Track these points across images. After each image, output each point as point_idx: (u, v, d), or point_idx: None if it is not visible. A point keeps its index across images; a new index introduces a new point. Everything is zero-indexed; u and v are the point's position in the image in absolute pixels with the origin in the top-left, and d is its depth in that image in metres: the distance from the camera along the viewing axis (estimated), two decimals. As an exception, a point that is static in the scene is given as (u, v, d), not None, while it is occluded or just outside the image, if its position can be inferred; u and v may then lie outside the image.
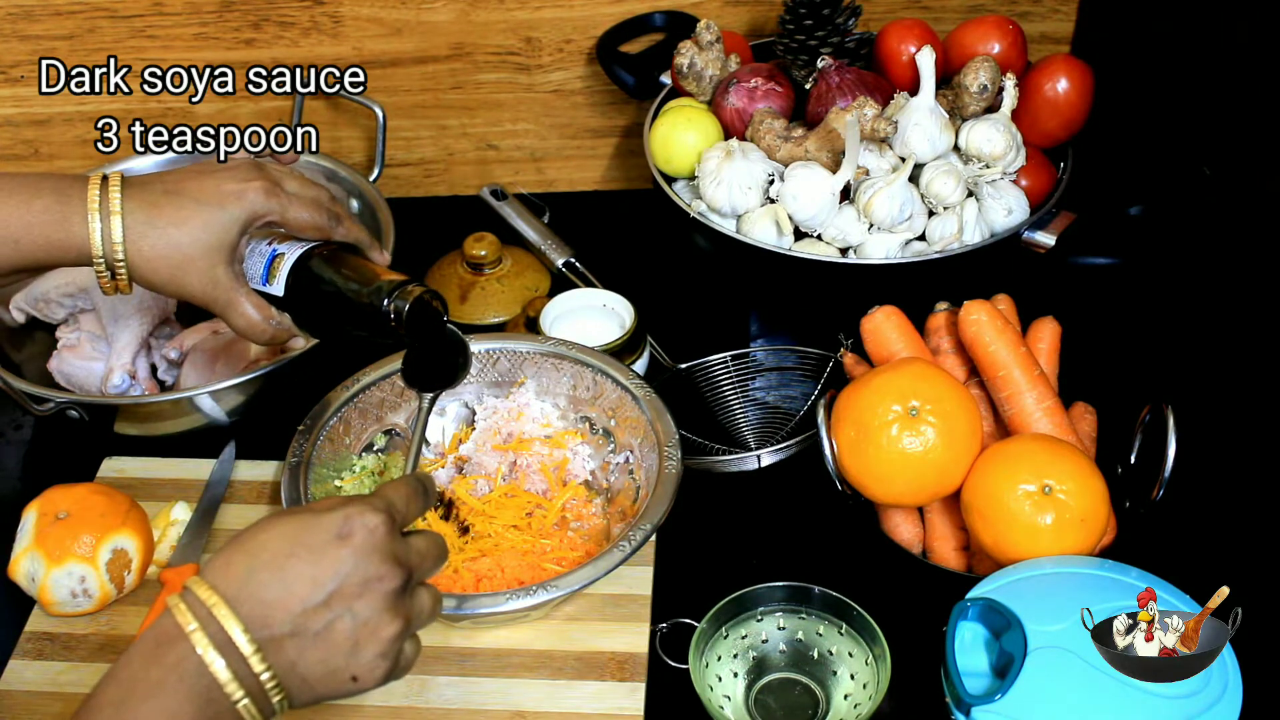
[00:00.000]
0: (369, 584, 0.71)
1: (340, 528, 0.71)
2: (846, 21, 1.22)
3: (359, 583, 0.70)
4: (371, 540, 0.72)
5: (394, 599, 0.72)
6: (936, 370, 1.00)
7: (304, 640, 0.69)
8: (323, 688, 0.71)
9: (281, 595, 0.69)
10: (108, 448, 1.17)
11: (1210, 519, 1.05)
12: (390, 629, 0.71)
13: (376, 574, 0.71)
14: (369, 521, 0.72)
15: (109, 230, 0.92)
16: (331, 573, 0.70)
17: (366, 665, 0.71)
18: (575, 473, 1.10)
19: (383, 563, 0.71)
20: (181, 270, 0.94)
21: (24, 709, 0.97)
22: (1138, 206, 1.22)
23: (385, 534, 0.72)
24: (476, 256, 1.32)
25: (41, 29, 1.37)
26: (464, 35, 1.39)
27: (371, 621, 0.71)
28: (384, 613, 0.71)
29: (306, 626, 0.69)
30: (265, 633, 0.69)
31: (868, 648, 0.94)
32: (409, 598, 0.73)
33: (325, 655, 0.70)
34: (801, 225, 1.17)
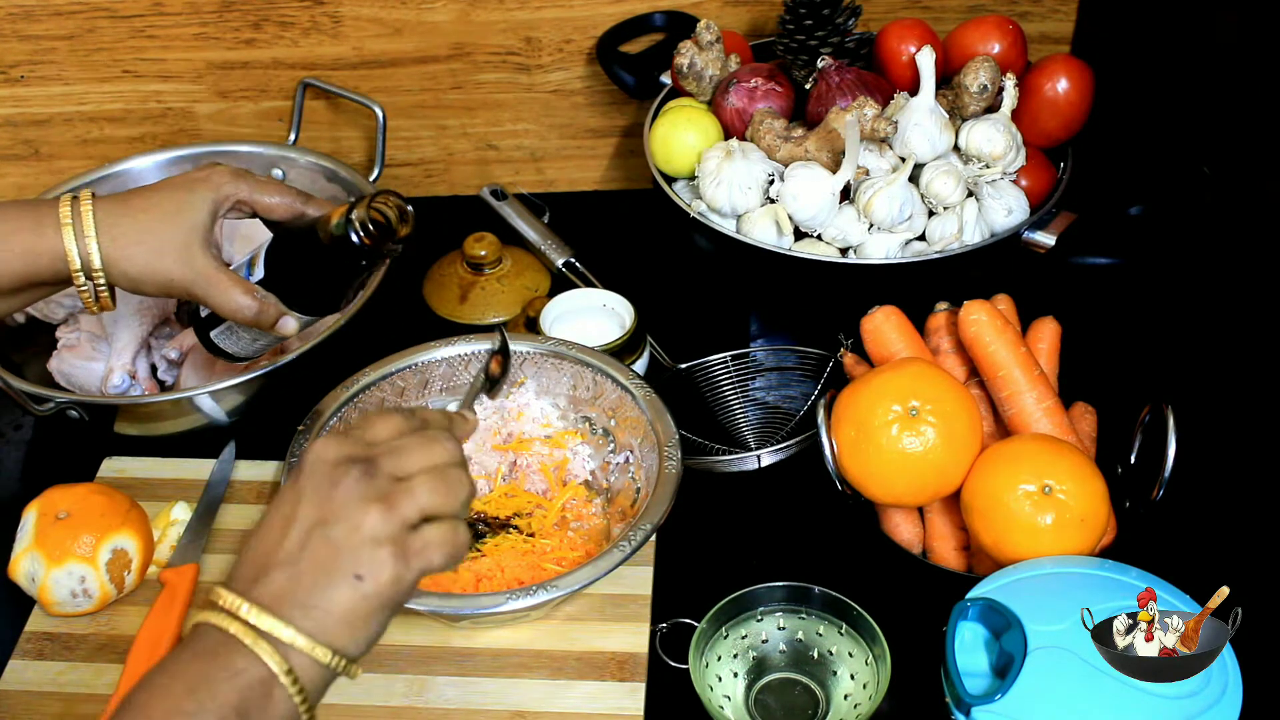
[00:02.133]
0: (323, 493, 0.69)
1: (291, 472, 0.73)
2: (846, 21, 1.22)
3: (314, 497, 0.69)
4: (316, 458, 0.71)
5: (356, 488, 0.69)
6: (936, 370, 1.00)
7: (289, 570, 0.68)
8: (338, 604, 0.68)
9: (259, 550, 0.69)
10: (108, 448, 1.17)
11: (1210, 519, 1.05)
12: (365, 515, 0.68)
13: (328, 479, 0.70)
14: (313, 448, 0.72)
15: (81, 224, 0.92)
16: (291, 504, 0.70)
17: (363, 560, 0.68)
18: (575, 473, 1.10)
19: (333, 468, 0.70)
20: (157, 256, 0.93)
21: (24, 709, 0.97)
22: (1138, 206, 1.22)
23: (331, 446, 0.71)
24: (476, 256, 1.32)
25: (41, 29, 1.38)
26: (464, 35, 1.39)
27: (341, 519, 0.68)
28: (350, 504, 0.69)
29: (285, 557, 0.68)
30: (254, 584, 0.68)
31: (868, 648, 0.94)
32: (384, 483, 0.70)
33: (315, 571, 0.68)
34: (801, 225, 1.17)
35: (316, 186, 1.37)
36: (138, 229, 0.93)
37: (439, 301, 1.33)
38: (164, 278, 0.94)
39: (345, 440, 0.72)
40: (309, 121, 1.44)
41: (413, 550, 0.69)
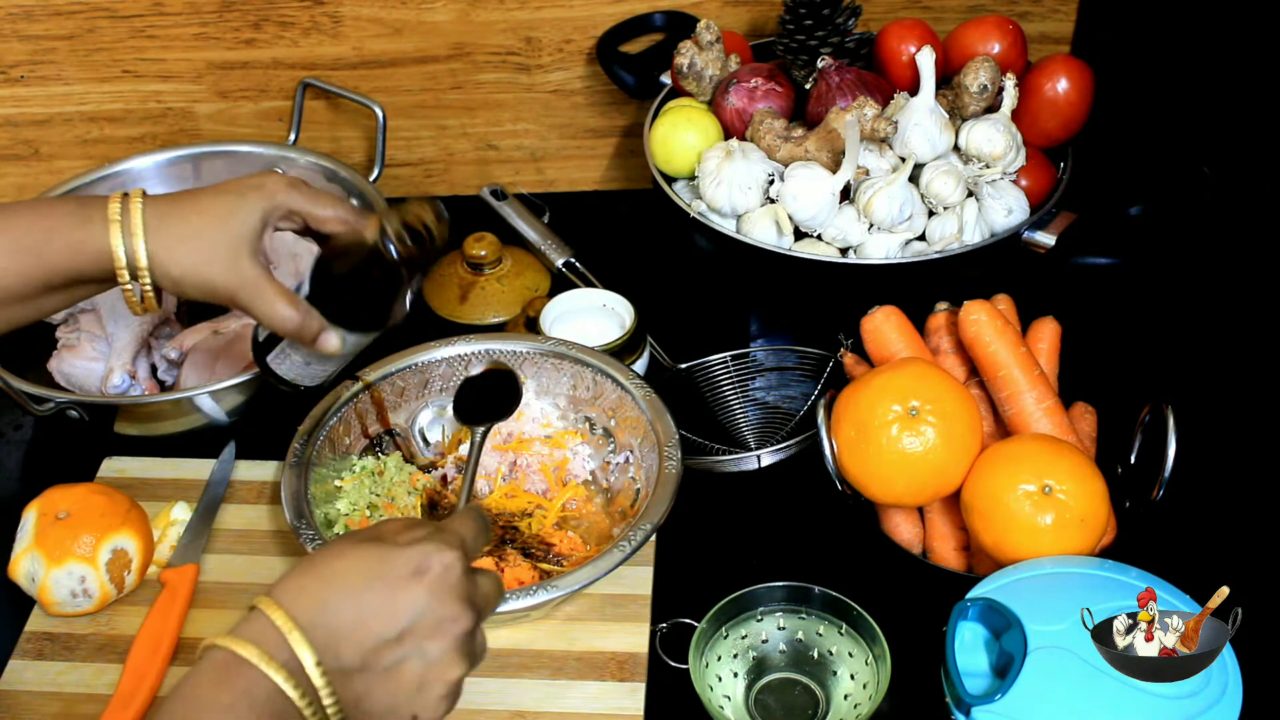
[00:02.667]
0: (442, 624, 0.69)
1: (419, 563, 0.70)
2: (846, 21, 1.22)
3: (433, 622, 0.69)
4: (447, 579, 0.70)
5: (464, 641, 0.71)
6: (936, 370, 1.00)
7: (372, 675, 0.68)
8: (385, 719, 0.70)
9: (355, 627, 0.68)
10: (108, 448, 1.17)
11: (1210, 519, 1.05)
12: (457, 671, 0.70)
13: (450, 614, 0.70)
14: (446, 559, 0.71)
15: (129, 222, 0.90)
16: (407, 609, 0.69)
17: (430, 705, 0.70)
18: (575, 473, 1.10)
19: (456, 602, 0.70)
20: (204, 259, 0.91)
21: (24, 709, 0.97)
22: (1138, 206, 1.22)
23: (460, 573, 0.71)
24: (476, 256, 1.32)
25: (41, 29, 1.38)
26: (464, 35, 1.39)
27: (441, 662, 0.69)
28: (453, 654, 0.70)
29: (377, 662, 0.68)
30: (336, 663, 0.67)
31: (868, 648, 0.94)
32: (477, 640, 0.72)
33: (391, 692, 0.69)
34: (801, 225, 1.17)
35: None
36: (186, 230, 0.91)
37: (439, 301, 1.33)
38: (209, 282, 0.92)
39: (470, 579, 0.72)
40: (309, 121, 1.44)
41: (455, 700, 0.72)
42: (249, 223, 0.92)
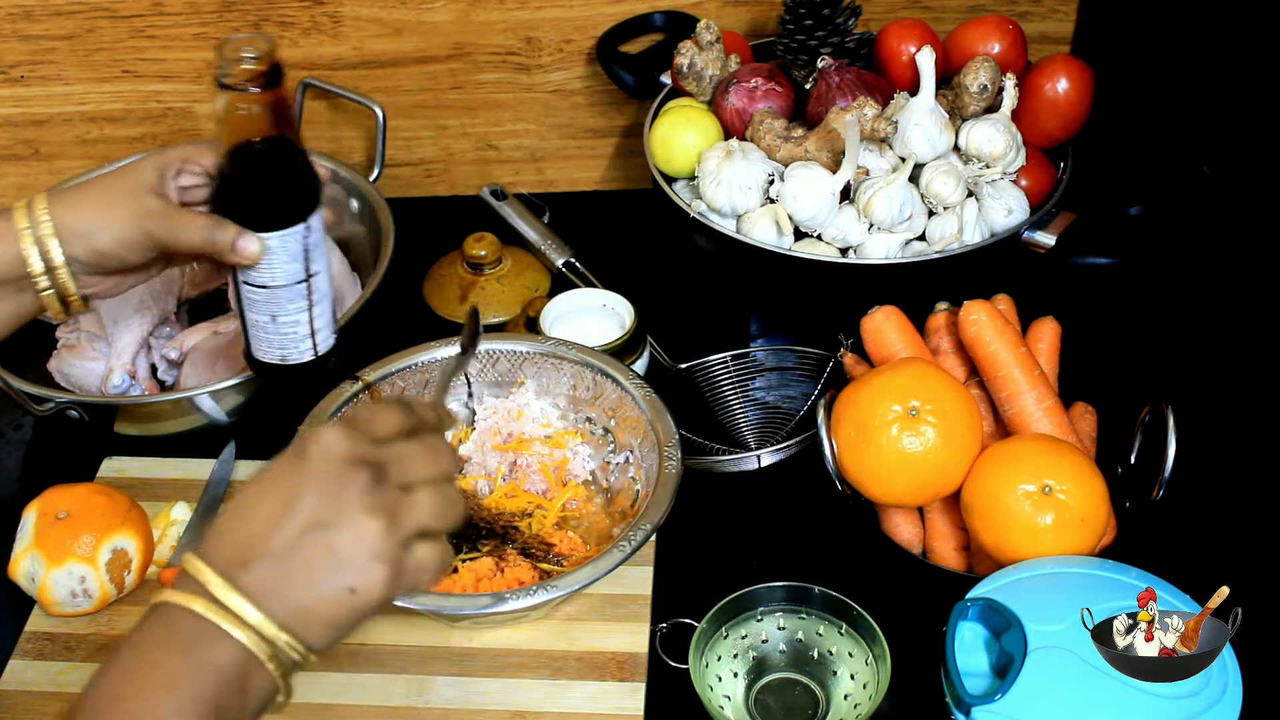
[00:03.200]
0: (329, 490, 0.67)
1: (295, 451, 0.69)
2: (846, 21, 1.22)
3: (319, 493, 0.67)
4: (326, 451, 0.68)
5: (365, 497, 0.67)
6: (936, 370, 1.00)
7: (279, 565, 0.66)
8: (324, 608, 0.67)
9: (247, 533, 0.67)
10: (108, 448, 1.17)
11: (1210, 519, 1.05)
12: (369, 526, 0.67)
13: (337, 478, 0.67)
14: (322, 436, 0.69)
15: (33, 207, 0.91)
16: (290, 493, 0.67)
17: (359, 572, 0.67)
18: (575, 473, 1.10)
19: (343, 468, 0.68)
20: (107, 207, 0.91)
21: (24, 709, 0.97)
22: (1138, 206, 1.22)
23: (342, 439, 0.69)
24: (476, 256, 1.32)
25: (41, 29, 1.38)
26: (464, 35, 1.39)
27: (343, 525, 0.67)
28: (356, 513, 0.67)
29: (276, 550, 0.66)
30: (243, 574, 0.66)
31: (868, 648, 0.94)
32: (392, 494, 0.68)
33: (307, 574, 0.66)
34: (801, 225, 1.17)
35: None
36: (83, 191, 0.93)
37: (439, 301, 1.33)
38: (115, 224, 0.91)
39: (355, 436, 0.69)
40: (309, 121, 1.44)
41: (407, 569, 0.69)
42: (142, 172, 0.93)
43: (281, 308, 0.95)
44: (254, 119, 0.89)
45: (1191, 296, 1.23)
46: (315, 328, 0.98)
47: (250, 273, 0.94)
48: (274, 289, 0.94)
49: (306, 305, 0.96)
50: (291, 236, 0.92)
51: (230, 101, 0.88)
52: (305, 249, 0.94)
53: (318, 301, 0.97)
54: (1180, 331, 1.22)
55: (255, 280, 0.94)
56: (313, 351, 0.98)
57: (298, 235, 0.93)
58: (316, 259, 0.95)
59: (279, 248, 0.92)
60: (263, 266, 0.93)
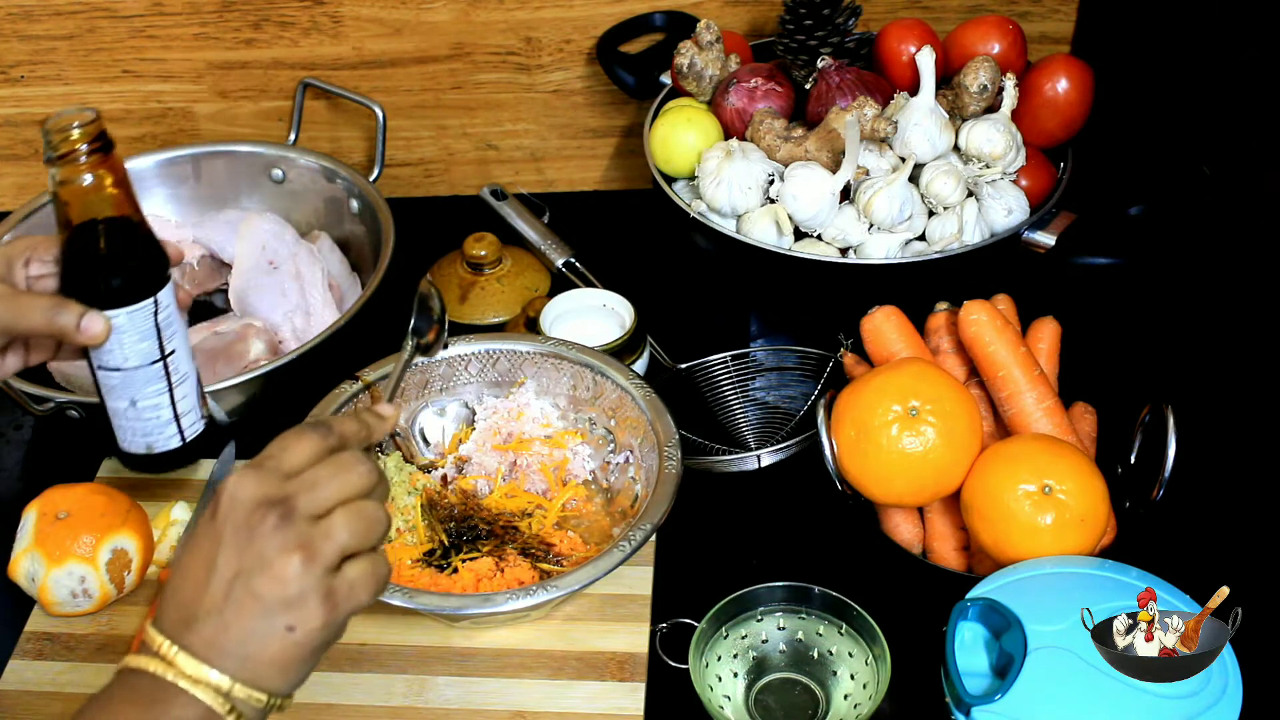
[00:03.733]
0: (242, 540, 0.68)
1: (210, 509, 0.70)
2: (846, 21, 1.22)
3: (234, 544, 0.68)
4: (234, 500, 0.69)
5: (276, 538, 0.68)
6: (936, 370, 1.00)
7: (217, 620, 0.67)
8: (269, 653, 0.68)
9: (185, 592, 0.69)
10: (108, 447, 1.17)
11: (1210, 519, 1.05)
12: (286, 565, 0.67)
13: (246, 527, 0.68)
14: (227, 486, 0.69)
15: None
16: (210, 548, 0.68)
17: (290, 610, 0.67)
18: (575, 473, 1.10)
19: (250, 511, 0.68)
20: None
21: (24, 709, 0.97)
22: (1138, 206, 1.22)
23: (249, 485, 0.69)
24: (476, 256, 1.32)
25: (41, 29, 1.38)
26: (464, 35, 1.39)
27: (263, 571, 0.67)
28: (268, 553, 0.67)
29: (212, 606, 0.68)
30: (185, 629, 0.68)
31: (868, 648, 0.94)
32: (302, 527, 0.69)
33: (245, 623, 0.67)
34: (801, 225, 1.17)
35: (316, 186, 1.37)
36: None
37: (439, 301, 1.33)
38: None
39: (260, 476, 0.70)
40: (309, 121, 1.44)
41: (339, 594, 0.69)
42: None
43: (139, 391, 0.93)
44: (87, 193, 0.86)
45: (1191, 296, 1.23)
46: (179, 412, 0.95)
47: (102, 355, 0.91)
48: (128, 371, 0.91)
49: (165, 387, 0.94)
50: (139, 313, 0.90)
51: (59, 177, 0.85)
52: (156, 326, 0.91)
53: (178, 383, 0.94)
54: (1180, 331, 1.22)
55: (109, 363, 0.91)
56: (179, 438, 0.96)
57: (146, 312, 0.90)
58: (171, 337, 0.92)
59: (128, 326, 0.89)
60: (113, 347, 0.90)
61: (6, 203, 1.50)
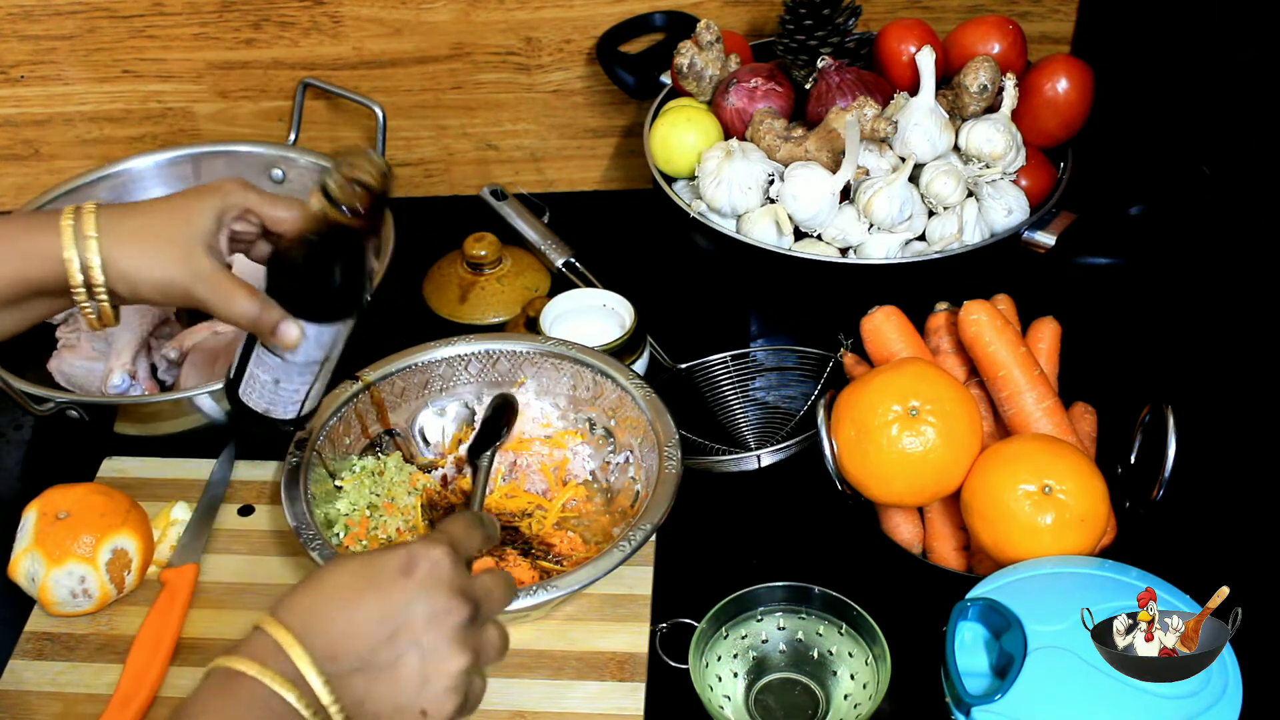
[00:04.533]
0: (436, 617, 0.70)
1: (405, 563, 0.71)
2: (846, 21, 1.22)
3: (425, 616, 0.70)
4: (436, 573, 0.71)
5: (461, 631, 0.71)
6: (936, 370, 1.00)
7: (372, 674, 0.69)
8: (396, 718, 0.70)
9: (348, 630, 0.69)
10: (108, 448, 1.17)
11: (1210, 519, 1.05)
12: (458, 661, 0.70)
13: (444, 607, 0.70)
14: (433, 555, 0.71)
15: (81, 225, 0.89)
16: (398, 606, 0.70)
17: (435, 699, 0.70)
18: (575, 473, 1.10)
19: (449, 595, 0.71)
20: (156, 254, 0.89)
21: (24, 709, 0.97)
22: (1138, 206, 1.22)
23: (450, 566, 0.72)
24: (476, 256, 1.32)
25: (41, 29, 1.38)
26: (464, 35, 1.39)
27: (439, 654, 0.70)
28: (452, 645, 0.70)
29: (374, 660, 0.69)
30: (333, 666, 0.68)
31: (868, 648, 0.94)
32: (479, 633, 0.73)
33: (393, 690, 0.69)
34: (801, 225, 1.17)
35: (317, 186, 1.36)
36: (138, 228, 0.90)
37: (439, 301, 1.33)
38: (162, 277, 0.90)
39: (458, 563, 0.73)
40: (309, 121, 1.44)
41: (471, 698, 0.72)
42: (203, 219, 0.91)
43: (289, 378, 0.96)
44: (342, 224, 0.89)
45: (1191, 296, 1.23)
46: (308, 396, 0.98)
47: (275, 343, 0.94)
48: (290, 364, 0.94)
49: (310, 380, 0.97)
50: (329, 330, 0.93)
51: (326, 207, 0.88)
52: (335, 340, 0.94)
53: (320, 378, 0.97)
54: (1180, 331, 1.22)
55: (276, 350, 0.94)
56: (297, 414, 0.99)
57: (335, 330, 0.93)
58: (337, 345, 0.95)
59: (314, 337, 0.93)
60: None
61: (6, 203, 1.50)
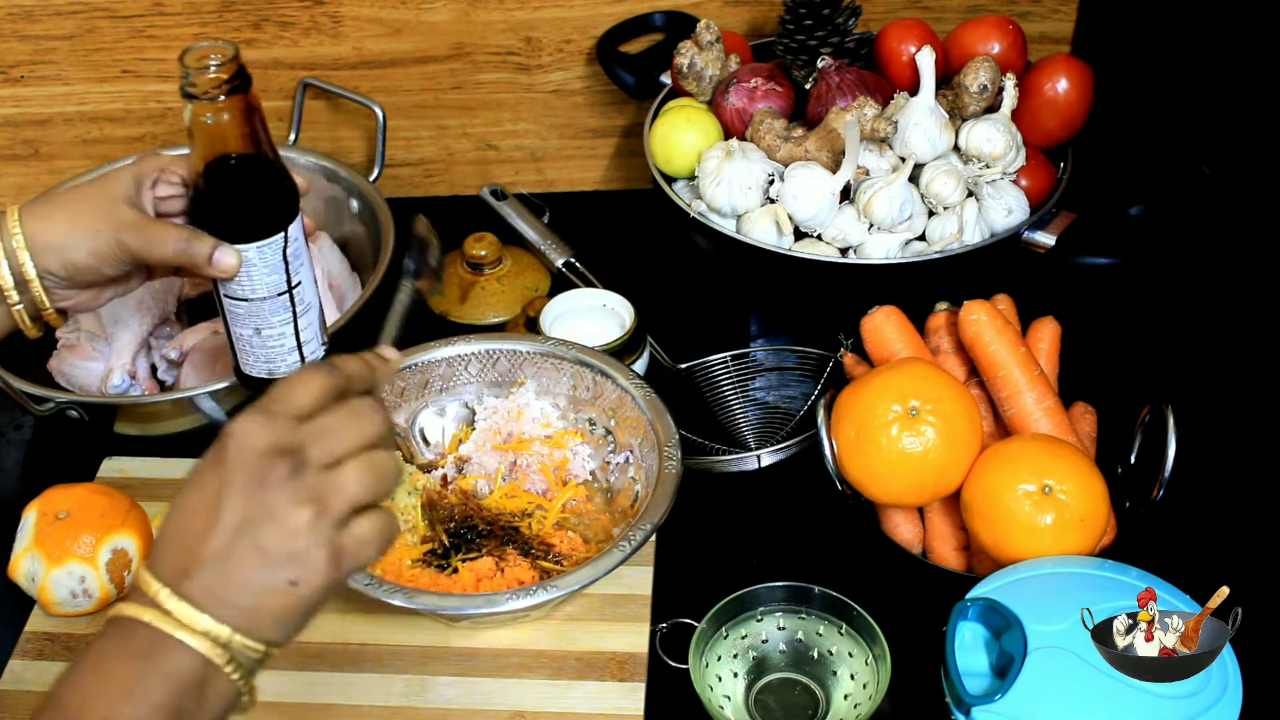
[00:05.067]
0: (251, 490, 0.66)
1: (215, 449, 0.67)
2: (846, 21, 1.22)
3: (242, 494, 0.66)
4: (242, 445, 0.67)
5: (287, 489, 0.66)
6: (936, 370, 1.00)
7: (218, 566, 0.66)
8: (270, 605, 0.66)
9: (184, 540, 0.66)
10: (108, 448, 1.17)
11: (1210, 519, 1.05)
12: (296, 519, 0.66)
13: (256, 475, 0.66)
14: (236, 428, 0.67)
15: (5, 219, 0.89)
16: (215, 495, 0.66)
17: (296, 564, 0.66)
18: (575, 472, 1.10)
19: (261, 460, 0.66)
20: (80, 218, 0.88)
21: (24, 709, 0.97)
22: (1138, 206, 1.22)
23: (259, 430, 0.67)
24: (476, 256, 1.32)
25: (41, 29, 1.38)
26: (464, 35, 1.39)
27: (272, 523, 0.66)
28: (282, 508, 0.66)
29: (212, 554, 0.66)
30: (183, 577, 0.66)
31: (868, 648, 0.94)
32: (314, 478, 0.67)
33: (245, 573, 0.66)
34: (801, 225, 1.17)
35: (316, 186, 1.36)
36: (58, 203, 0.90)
37: (439, 302, 1.33)
38: (87, 234, 0.88)
39: (271, 421, 0.68)
40: (309, 121, 1.44)
41: (346, 551, 0.67)
42: (120, 183, 0.91)
43: (265, 320, 0.94)
44: (222, 128, 0.87)
45: (1191, 296, 1.23)
46: (301, 340, 0.96)
47: (231, 286, 0.92)
48: (256, 302, 0.92)
49: (290, 317, 0.95)
50: (269, 248, 0.91)
51: (197, 111, 0.86)
52: (285, 260, 0.92)
53: (302, 313, 0.95)
54: (1180, 331, 1.22)
55: (236, 293, 0.92)
56: (300, 364, 0.97)
57: (276, 246, 0.91)
58: (298, 269, 0.93)
59: (257, 259, 0.91)
60: (243, 279, 0.91)
61: (6, 202, 1.49)
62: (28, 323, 0.91)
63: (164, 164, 0.93)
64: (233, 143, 0.88)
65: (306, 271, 0.94)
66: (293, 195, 0.92)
